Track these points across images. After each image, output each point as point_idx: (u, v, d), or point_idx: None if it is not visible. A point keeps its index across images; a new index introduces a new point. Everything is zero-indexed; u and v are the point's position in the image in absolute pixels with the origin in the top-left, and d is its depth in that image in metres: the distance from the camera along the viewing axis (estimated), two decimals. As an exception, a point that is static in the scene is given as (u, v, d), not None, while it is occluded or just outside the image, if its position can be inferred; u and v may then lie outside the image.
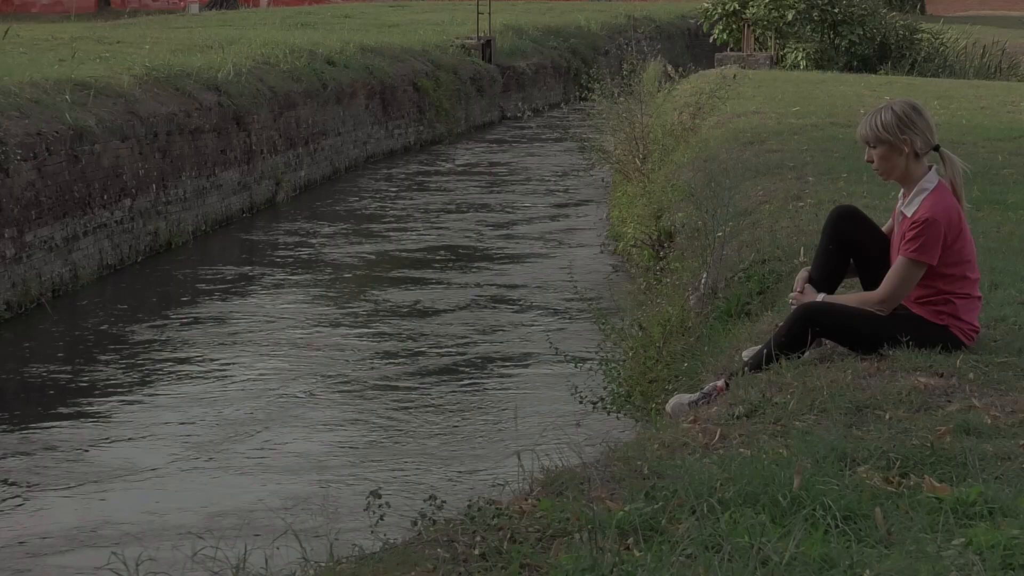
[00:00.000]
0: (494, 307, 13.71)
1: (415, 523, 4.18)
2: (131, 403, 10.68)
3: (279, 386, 11.05)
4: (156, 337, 12.59)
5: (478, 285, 14.72)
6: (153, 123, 16.37)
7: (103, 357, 11.94)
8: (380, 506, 4.46)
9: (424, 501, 4.29)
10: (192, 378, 11.31)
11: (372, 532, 4.32)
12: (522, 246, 16.90)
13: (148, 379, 11.33)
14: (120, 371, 11.54)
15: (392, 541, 4.11)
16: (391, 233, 17.87)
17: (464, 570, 3.73)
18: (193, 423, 10.08)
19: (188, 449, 9.48)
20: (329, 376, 11.40)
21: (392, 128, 25.49)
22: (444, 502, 4.35)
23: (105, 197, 15.05)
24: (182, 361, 11.81)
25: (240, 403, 10.57)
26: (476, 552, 3.82)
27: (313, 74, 22.14)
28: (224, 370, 11.50)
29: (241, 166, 18.96)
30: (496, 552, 3.82)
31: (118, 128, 15.44)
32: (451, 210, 19.60)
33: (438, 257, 16.26)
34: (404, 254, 16.48)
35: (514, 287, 14.61)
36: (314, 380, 11.25)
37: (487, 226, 18.27)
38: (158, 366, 11.69)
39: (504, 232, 17.85)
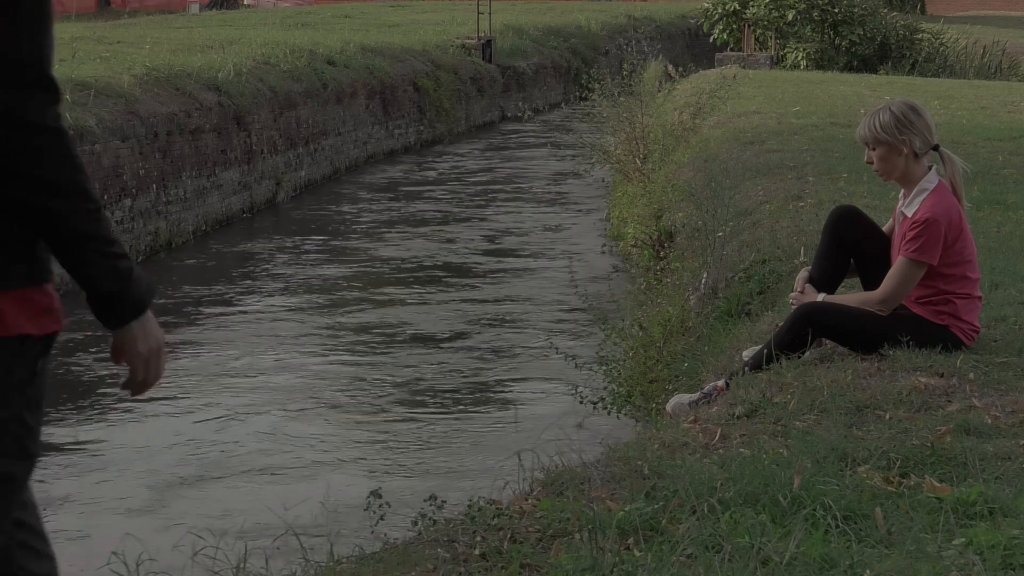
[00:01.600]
0: (494, 307, 13.72)
1: (415, 523, 4.18)
2: (129, 408, 10.68)
3: (280, 387, 11.05)
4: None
5: (477, 286, 14.72)
6: (153, 123, 16.38)
7: (101, 359, 11.95)
8: (380, 506, 4.47)
9: (424, 501, 4.29)
10: (193, 381, 11.31)
11: (372, 532, 4.33)
12: (522, 246, 16.91)
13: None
14: (116, 376, 11.54)
15: (392, 541, 4.11)
16: (391, 234, 17.87)
17: (464, 570, 3.73)
18: (192, 426, 10.08)
19: (188, 450, 9.48)
20: (330, 376, 11.40)
21: (392, 128, 25.50)
22: (444, 502, 4.35)
23: (105, 197, 15.05)
24: (183, 365, 11.81)
25: (241, 404, 10.57)
26: (476, 552, 3.82)
27: (313, 74, 22.14)
28: (225, 373, 11.50)
29: (241, 166, 18.96)
30: (496, 552, 3.82)
31: (118, 128, 15.45)
32: (451, 210, 19.61)
33: (437, 258, 16.27)
34: (403, 255, 16.49)
35: (514, 287, 14.61)
36: (315, 381, 11.25)
37: (487, 226, 18.28)
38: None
39: (504, 232, 17.86)
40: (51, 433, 9.98)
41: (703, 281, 9.32)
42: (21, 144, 2.27)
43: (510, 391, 10.96)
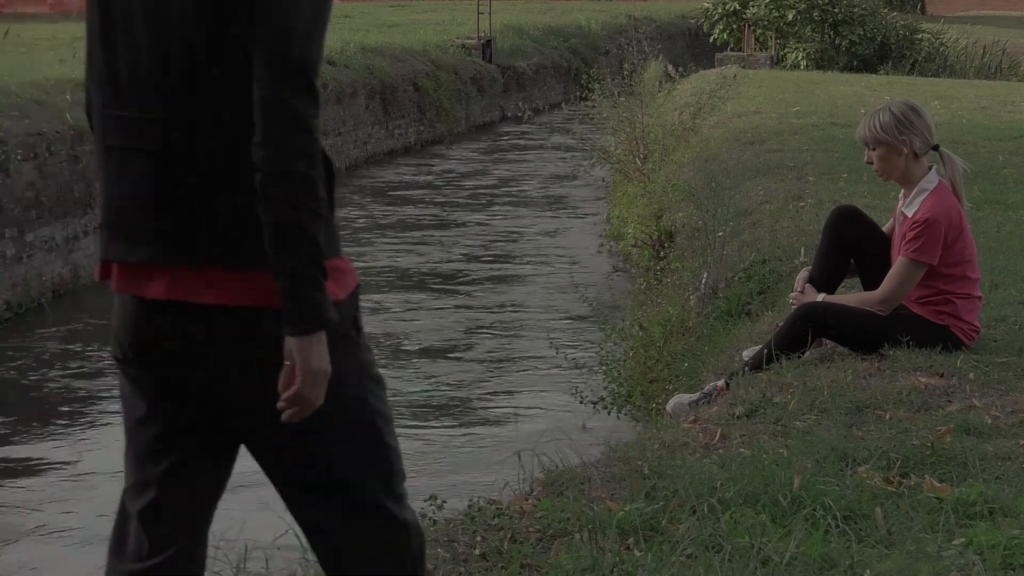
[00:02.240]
0: (494, 307, 13.72)
1: (415, 523, 4.17)
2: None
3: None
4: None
5: (477, 288, 14.72)
6: (153, 123, 16.35)
7: (100, 363, 11.95)
8: (380, 506, 4.45)
9: (424, 501, 4.29)
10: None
11: (372, 532, 4.30)
12: (522, 246, 16.91)
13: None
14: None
15: (392, 541, 4.10)
16: (390, 237, 17.88)
17: (464, 570, 3.73)
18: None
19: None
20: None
21: (392, 128, 25.50)
22: (444, 502, 4.35)
23: (105, 197, 15.04)
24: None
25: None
26: (476, 552, 3.82)
27: (313, 74, 22.13)
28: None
29: (241, 166, 18.95)
30: (496, 552, 3.82)
31: (118, 128, 15.43)
32: (451, 212, 19.61)
33: (435, 261, 16.27)
34: (402, 258, 16.49)
35: (514, 287, 14.62)
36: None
37: (487, 229, 18.28)
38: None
39: (504, 232, 17.86)
40: (52, 439, 9.99)
41: (703, 281, 9.32)
42: (285, 137, 2.41)
43: (509, 392, 10.96)
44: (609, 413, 8.63)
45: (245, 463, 2.82)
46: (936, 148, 5.93)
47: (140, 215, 2.56)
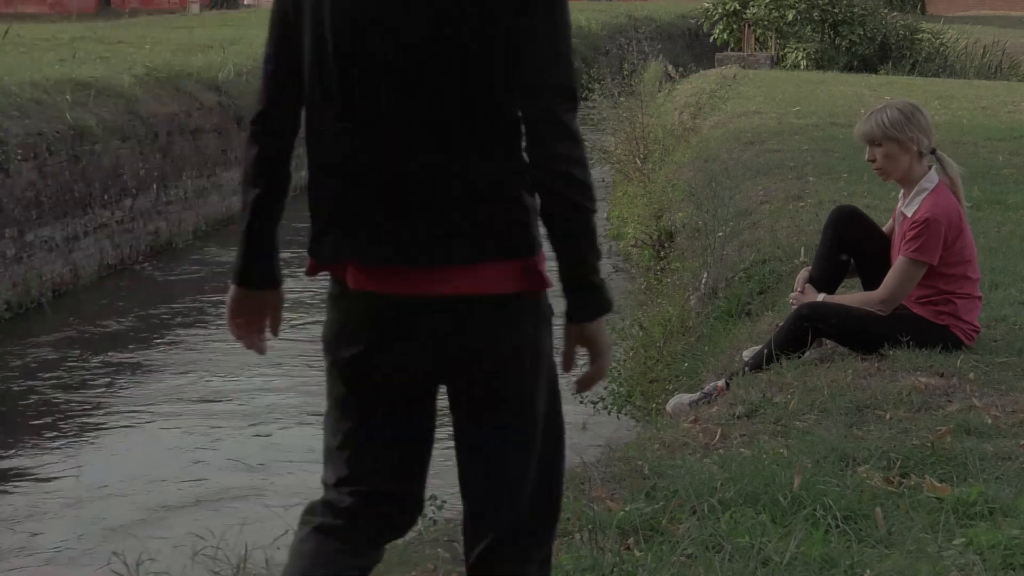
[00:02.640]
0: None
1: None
2: (126, 411, 10.69)
3: (281, 385, 11.05)
4: (155, 342, 12.60)
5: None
6: (154, 123, 16.38)
7: (98, 361, 11.95)
8: (380, 506, 4.44)
9: (424, 501, 4.28)
10: (194, 388, 11.32)
11: (372, 532, 4.30)
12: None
13: (146, 386, 11.33)
14: (117, 375, 11.54)
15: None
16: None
17: (464, 570, 3.72)
18: (188, 425, 10.08)
19: (187, 451, 9.48)
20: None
21: (392, 128, 25.49)
22: (444, 502, 4.35)
23: (106, 197, 15.05)
24: (182, 370, 11.81)
25: (240, 400, 10.57)
26: (476, 552, 3.81)
27: (313, 74, 22.11)
28: (222, 372, 11.51)
29: (242, 166, 18.94)
30: (496, 552, 3.81)
31: (119, 128, 15.45)
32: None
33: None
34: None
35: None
36: (314, 377, 11.25)
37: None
38: (157, 371, 11.69)
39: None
40: (41, 451, 9.99)
41: (703, 281, 9.33)
42: (565, 151, 2.67)
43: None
44: (609, 413, 8.63)
45: (244, 467, 2.83)
46: (933, 151, 5.93)
47: (383, 219, 2.72)
